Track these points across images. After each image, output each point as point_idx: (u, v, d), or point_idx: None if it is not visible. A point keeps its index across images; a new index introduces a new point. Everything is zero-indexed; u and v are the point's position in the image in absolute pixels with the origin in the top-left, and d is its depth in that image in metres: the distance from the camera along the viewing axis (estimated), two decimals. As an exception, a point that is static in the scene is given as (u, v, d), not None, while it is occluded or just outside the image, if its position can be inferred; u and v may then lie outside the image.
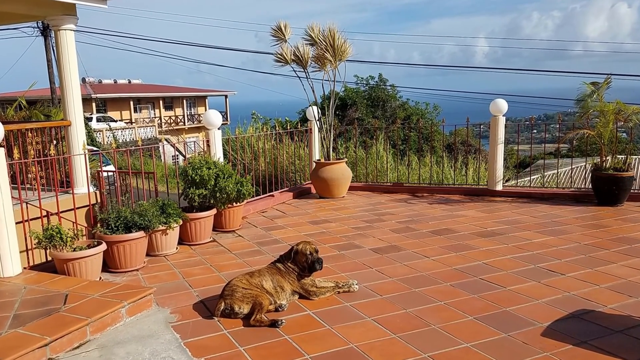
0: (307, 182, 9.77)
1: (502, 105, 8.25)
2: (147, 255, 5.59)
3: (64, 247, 4.80)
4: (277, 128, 10.70)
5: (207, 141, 7.27)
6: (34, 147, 7.30)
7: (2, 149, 4.54)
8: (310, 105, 9.29)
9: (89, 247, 4.94)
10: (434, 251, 5.57)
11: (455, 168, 11.19)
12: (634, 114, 7.50)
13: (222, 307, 3.99)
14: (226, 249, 5.94)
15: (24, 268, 4.84)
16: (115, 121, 37.47)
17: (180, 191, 6.53)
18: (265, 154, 10.13)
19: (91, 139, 25.51)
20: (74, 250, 4.84)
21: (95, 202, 6.03)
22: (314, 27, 8.61)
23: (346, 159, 9.15)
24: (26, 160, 6.66)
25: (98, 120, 35.45)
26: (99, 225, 5.44)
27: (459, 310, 4.02)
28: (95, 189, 6.38)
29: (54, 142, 7.05)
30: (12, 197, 4.71)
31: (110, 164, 14.38)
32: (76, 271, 4.73)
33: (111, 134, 33.07)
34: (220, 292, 4.17)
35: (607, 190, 7.38)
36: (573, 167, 11.50)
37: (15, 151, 5.38)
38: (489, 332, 3.65)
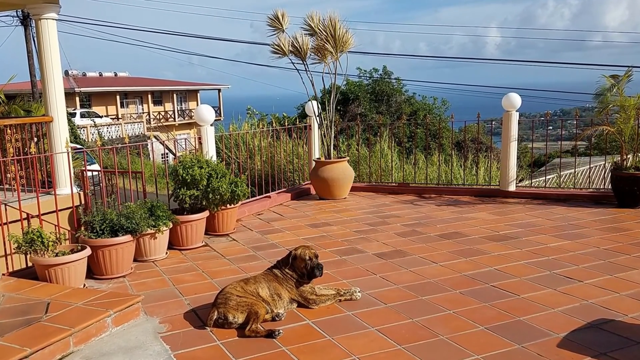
0: (306, 183, 9.78)
1: (516, 99, 8.25)
2: (135, 260, 5.59)
3: (45, 252, 4.80)
4: (274, 124, 10.70)
5: (199, 138, 7.27)
6: (13, 145, 7.30)
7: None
8: (309, 100, 9.29)
9: (72, 252, 4.95)
10: (442, 256, 5.57)
11: (465, 167, 11.19)
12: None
13: (215, 317, 3.99)
14: (219, 254, 5.94)
15: (3, 274, 4.84)
16: (101, 117, 37.49)
17: (170, 192, 6.53)
18: (262, 152, 10.14)
19: (74, 136, 25.51)
20: (56, 255, 4.84)
21: (79, 203, 6.03)
22: (314, 16, 8.62)
23: (348, 158, 9.15)
24: (5, 158, 6.66)
25: (82, 115, 35.46)
26: (82, 228, 5.44)
27: (469, 320, 4.02)
28: (79, 189, 6.38)
29: (35, 139, 7.05)
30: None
31: (95, 163, 14.37)
32: (58, 278, 4.73)
33: (96, 131, 33.10)
34: (213, 300, 4.17)
35: (627, 191, 7.38)
36: (591, 166, 11.50)
37: (-7, 149, 5.38)
38: (502, 343, 3.65)
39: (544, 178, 10.47)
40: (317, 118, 9.18)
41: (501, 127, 8.54)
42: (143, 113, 43.87)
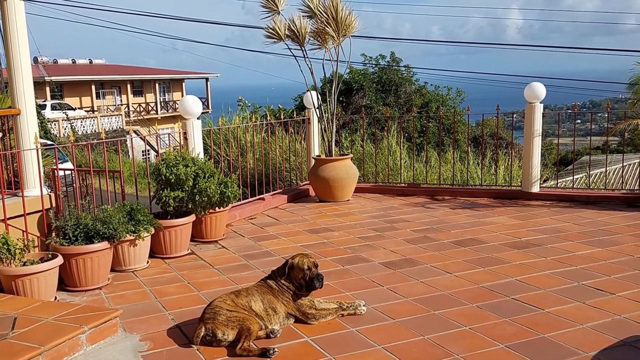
0: (304, 183, 9.79)
1: (539, 90, 8.25)
2: (112, 270, 5.60)
3: (12, 261, 4.80)
4: (268, 117, 10.70)
5: (184, 133, 7.28)
6: (-24, 141, 7.31)
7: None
8: (308, 90, 9.30)
9: (42, 260, 4.94)
10: (457, 266, 5.57)
11: (483, 166, 11.21)
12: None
13: (202, 333, 3.99)
14: (207, 263, 5.95)
15: (-36, 286, 4.83)
16: (74, 109, 37.51)
17: (151, 194, 6.53)
18: (255, 149, 10.14)
19: (45, 131, 25.55)
20: (24, 264, 4.84)
21: (49, 206, 6.03)
22: (313, -4, 8.62)
23: (351, 155, 9.16)
24: (-34, 156, 6.66)
25: (53, 108, 35.49)
26: (54, 234, 5.44)
27: (487, 337, 4.03)
28: (49, 191, 6.38)
29: (0, 134, 7.05)
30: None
31: (67, 161, 14.39)
32: (27, 289, 4.73)
33: (69, 125, 33.11)
34: (200, 314, 4.17)
35: (665, 192, 7.38)
36: (624, 164, 11.52)
37: (-46, 145, 5.38)
38: (524, 363, 3.65)
39: (571, 178, 10.48)
40: (317, 110, 9.19)
41: (523, 121, 8.55)
42: (121, 105, 43.89)
